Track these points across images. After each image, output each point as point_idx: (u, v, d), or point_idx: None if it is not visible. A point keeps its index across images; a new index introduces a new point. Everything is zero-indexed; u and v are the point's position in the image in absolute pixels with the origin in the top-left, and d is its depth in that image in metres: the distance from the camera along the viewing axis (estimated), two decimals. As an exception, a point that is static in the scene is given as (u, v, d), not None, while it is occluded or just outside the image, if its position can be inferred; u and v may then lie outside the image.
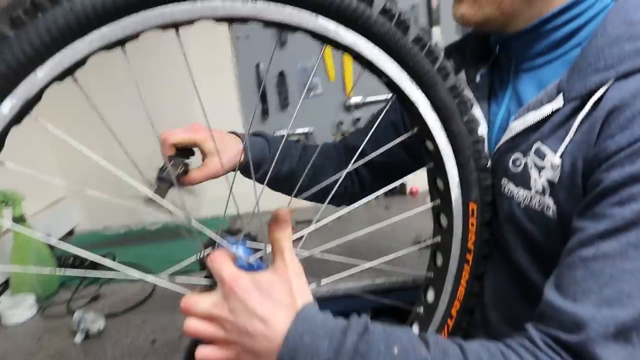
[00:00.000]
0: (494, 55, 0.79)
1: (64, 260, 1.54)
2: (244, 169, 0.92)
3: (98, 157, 0.55)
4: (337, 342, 0.51)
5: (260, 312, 0.51)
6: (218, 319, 0.53)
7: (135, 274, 0.57)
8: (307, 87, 1.85)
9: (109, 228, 1.97)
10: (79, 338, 1.10)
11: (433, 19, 1.76)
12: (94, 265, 1.50)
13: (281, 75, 1.80)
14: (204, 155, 0.88)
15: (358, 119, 1.83)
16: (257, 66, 1.80)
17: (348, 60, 1.78)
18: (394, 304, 0.90)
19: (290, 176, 0.97)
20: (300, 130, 1.84)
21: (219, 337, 0.54)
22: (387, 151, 0.70)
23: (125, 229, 1.94)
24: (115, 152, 0.66)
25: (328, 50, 1.78)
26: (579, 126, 0.60)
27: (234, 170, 0.91)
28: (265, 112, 1.83)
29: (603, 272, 0.53)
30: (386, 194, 1.93)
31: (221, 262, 0.54)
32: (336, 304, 1.19)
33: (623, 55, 0.58)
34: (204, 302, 0.54)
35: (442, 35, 1.77)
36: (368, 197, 0.74)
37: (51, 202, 1.85)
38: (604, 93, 0.58)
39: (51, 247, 1.43)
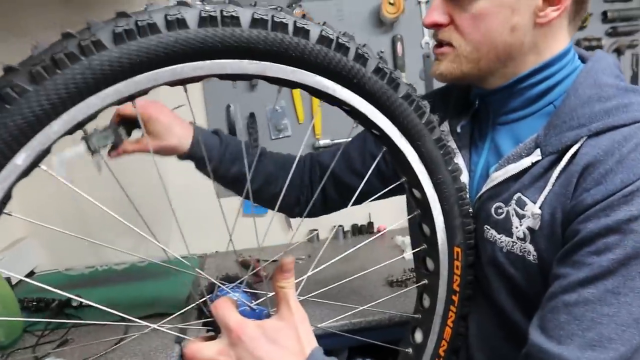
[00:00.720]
0: (474, 107, 0.84)
1: (26, 303, 1.48)
2: (197, 162, 0.97)
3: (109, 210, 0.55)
4: None
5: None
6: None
7: (138, 321, 0.58)
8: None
9: (72, 269, 1.91)
10: (49, 387, 1.07)
11: (398, 65, 1.85)
12: (60, 309, 1.45)
13: (252, 116, 1.83)
14: (146, 132, 0.92)
15: (328, 159, 1.88)
16: (228, 107, 1.83)
17: (317, 103, 1.83)
18: (372, 342, 0.92)
19: (239, 178, 1.00)
20: (270, 170, 1.87)
21: None
22: (363, 176, 0.76)
23: (90, 270, 1.88)
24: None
25: (297, 92, 1.84)
26: (556, 179, 0.66)
27: (169, 155, 0.95)
28: (236, 152, 1.85)
29: (585, 316, 0.58)
30: (353, 232, 1.97)
31: (226, 309, 0.55)
32: (321, 343, 1.20)
33: (594, 115, 0.65)
34: (210, 349, 0.54)
35: (407, 81, 1.85)
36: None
37: (10, 242, 1.79)
38: (579, 149, 0.65)
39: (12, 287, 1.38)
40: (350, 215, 1.94)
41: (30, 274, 1.87)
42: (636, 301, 0.58)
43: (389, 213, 1.79)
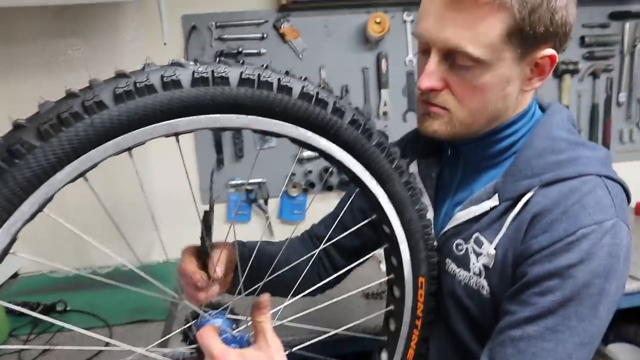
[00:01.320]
0: (446, 155, 0.89)
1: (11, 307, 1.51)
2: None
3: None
4: None
5: None
6: None
7: (125, 346, 0.63)
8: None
9: (56, 271, 1.94)
10: (34, 394, 1.11)
11: (382, 82, 1.91)
12: (44, 313, 1.49)
13: (238, 126, 1.88)
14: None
15: (310, 171, 1.94)
16: (215, 117, 1.87)
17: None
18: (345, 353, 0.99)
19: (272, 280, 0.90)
20: (253, 180, 1.92)
21: None
22: (359, 233, 0.80)
23: (74, 273, 1.90)
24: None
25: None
26: (510, 223, 0.73)
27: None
28: (220, 162, 1.90)
29: (527, 350, 0.66)
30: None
31: (210, 338, 0.61)
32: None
33: (546, 166, 0.72)
34: None
35: (390, 97, 1.92)
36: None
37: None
38: (531, 197, 0.71)
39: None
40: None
41: (14, 276, 1.90)
42: (572, 338, 0.66)
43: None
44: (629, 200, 0.76)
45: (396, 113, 1.95)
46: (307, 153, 1.92)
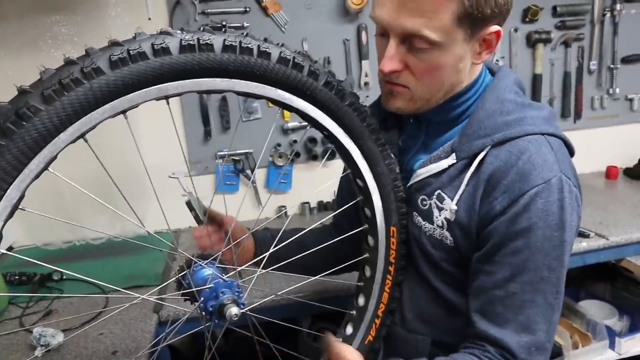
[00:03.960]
0: (407, 124, 0.96)
1: (9, 277, 1.57)
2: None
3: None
4: None
5: None
6: None
7: (130, 292, 0.70)
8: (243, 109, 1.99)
9: (50, 244, 1.98)
10: (39, 353, 1.17)
11: (363, 53, 1.97)
12: (42, 282, 1.55)
13: (224, 99, 1.93)
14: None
15: (295, 141, 2.00)
16: (200, 90, 1.91)
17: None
18: (331, 309, 1.07)
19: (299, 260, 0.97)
20: (240, 151, 1.98)
21: None
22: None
23: (67, 245, 1.95)
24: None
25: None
26: (469, 180, 0.81)
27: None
28: (207, 134, 1.95)
29: (514, 305, 0.78)
30: (319, 208, 2.11)
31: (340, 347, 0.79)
32: (285, 311, 1.34)
33: (496, 126, 0.80)
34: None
35: (371, 68, 1.98)
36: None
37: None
38: (485, 156, 0.79)
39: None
40: (317, 193, 2.10)
41: (9, 250, 1.94)
42: (548, 287, 0.77)
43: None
44: (571, 153, 0.85)
45: (377, 84, 1.99)
46: (291, 123, 1.98)
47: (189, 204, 0.95)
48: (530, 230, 0.76)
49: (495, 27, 0.78)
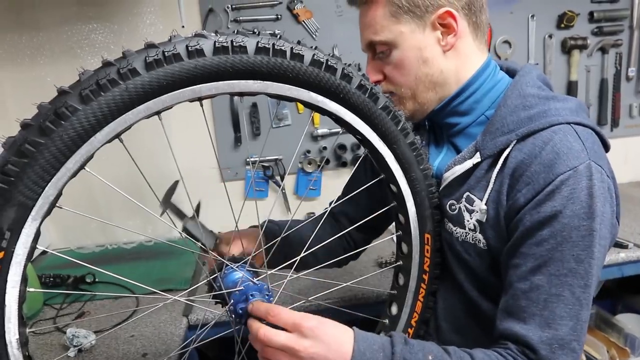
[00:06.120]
0: (425, 131, 0.96)
1: (44, 279, 1.61)
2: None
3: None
4: (390, 352, 0.70)
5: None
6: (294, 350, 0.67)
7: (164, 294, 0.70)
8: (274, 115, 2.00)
9: (83, 247, 2.02)
10: (72, 353, 1.19)
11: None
12: (75, 284, 1.58)
13: (254, 106, 1.94)
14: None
15: (325, 148, 1.99)
16: (232, 98, 1.93)
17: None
18: (363, 316, 1.05)
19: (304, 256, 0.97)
20: (270, 157, 1.99)
21: None
22: (371, 209, 0.89)
23: (100, 248, 1.99)
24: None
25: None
26: (496, 178, 0.78)
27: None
28: (237, 140, 1.96)
29: (539, 299, 0.73)
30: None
31: (280, 309, 0.69)
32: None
33: (520, 121, 0.77)
34: (279, 336, 0.68)
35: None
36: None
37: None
38: (510, 152, 0.77)
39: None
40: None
41: (44, 253, 1.99)
42: (576, 281, 0.71)
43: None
44: (604, 145, 0.80)
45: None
46: (321, 130, 1.98)
47: (185, 230, 0.84)
48: (555, 219, 0.71)
49: (442, 9, 0.80)
